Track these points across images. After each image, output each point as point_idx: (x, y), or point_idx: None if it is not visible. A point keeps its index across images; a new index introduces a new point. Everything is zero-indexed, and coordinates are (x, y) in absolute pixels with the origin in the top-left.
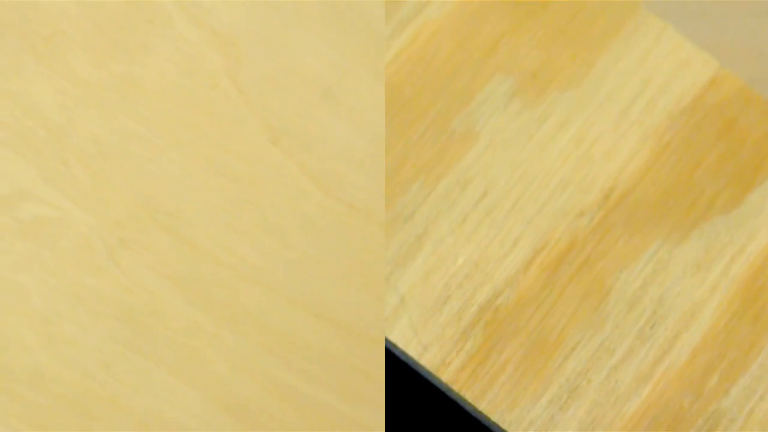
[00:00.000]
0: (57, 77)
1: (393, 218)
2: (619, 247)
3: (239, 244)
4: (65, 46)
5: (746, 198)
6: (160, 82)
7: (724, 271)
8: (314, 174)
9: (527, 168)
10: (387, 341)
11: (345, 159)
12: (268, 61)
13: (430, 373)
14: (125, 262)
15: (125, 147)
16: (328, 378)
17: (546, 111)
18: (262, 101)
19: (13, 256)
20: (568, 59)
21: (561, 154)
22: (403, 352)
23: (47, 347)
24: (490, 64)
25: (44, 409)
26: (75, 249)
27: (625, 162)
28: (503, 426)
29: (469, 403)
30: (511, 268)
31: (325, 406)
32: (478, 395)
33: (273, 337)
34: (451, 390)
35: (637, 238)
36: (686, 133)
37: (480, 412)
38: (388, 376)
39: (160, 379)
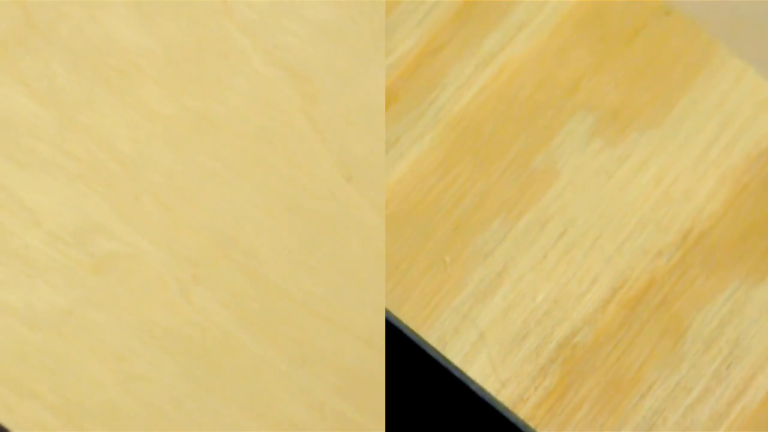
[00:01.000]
0: (130, 111)
1: (473, 254)
2: (696, 287)
3: (312, 282)
4: (139, 80)
5: None
6: (234, 118)
7: None
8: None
9: (607, 207)
10: (465, 376)
11: None
12: (343, 97)
13: (507, 410)
14: (197, 299)
15: (198, 182)
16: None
17: (626, 150)
18: (336, 138)
19: (85, 292)
20: (649, 99)
21: (640, 194)
22: (481, 388)
23: (119, 384)
24: (572, 102)
25: None
26: (147, 285)
27: (704, 203)
28: None
29: None
30: (589, 306)
31: None
32: None
33: (345, 377)
34: (528, 426)
35: (715, 279)
36: (765, 175)
37: None
38: (465, 412)
39: (232, 417)
